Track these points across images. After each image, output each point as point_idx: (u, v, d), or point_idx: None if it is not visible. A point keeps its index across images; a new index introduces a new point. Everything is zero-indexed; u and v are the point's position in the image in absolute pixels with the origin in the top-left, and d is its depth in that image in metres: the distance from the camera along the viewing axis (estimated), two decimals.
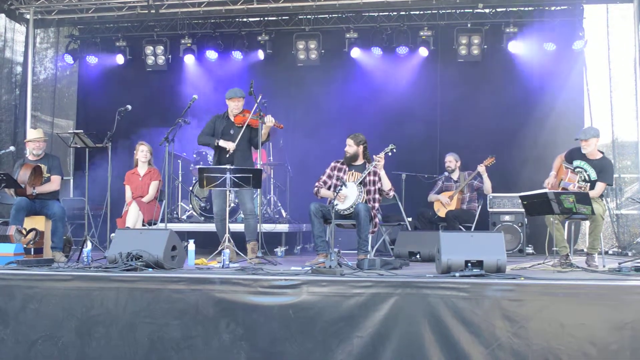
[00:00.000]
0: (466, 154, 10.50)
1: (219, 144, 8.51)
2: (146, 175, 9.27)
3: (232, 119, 8.65)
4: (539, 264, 7.36)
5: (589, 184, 7.75)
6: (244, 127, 8.46)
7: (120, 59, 12.84)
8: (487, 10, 11.95)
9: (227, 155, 8.44)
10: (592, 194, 7.50)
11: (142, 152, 9.31)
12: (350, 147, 8.38)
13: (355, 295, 5.67)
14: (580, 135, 7.84)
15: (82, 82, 13.40)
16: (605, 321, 5.31)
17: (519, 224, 10.03)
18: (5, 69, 12.41)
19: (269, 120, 8.35)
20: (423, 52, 11.87)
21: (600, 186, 7.71)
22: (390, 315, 5.58)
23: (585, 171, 7.81)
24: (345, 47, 12.12)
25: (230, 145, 8.41)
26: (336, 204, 7.87)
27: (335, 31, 12.38)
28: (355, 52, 12.07)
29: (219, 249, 7.95)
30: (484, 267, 6.01)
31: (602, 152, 7.97)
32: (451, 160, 10.34)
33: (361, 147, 8.40)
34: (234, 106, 8.60)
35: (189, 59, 12.59)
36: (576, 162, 7.91)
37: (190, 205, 10.86)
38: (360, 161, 8.43)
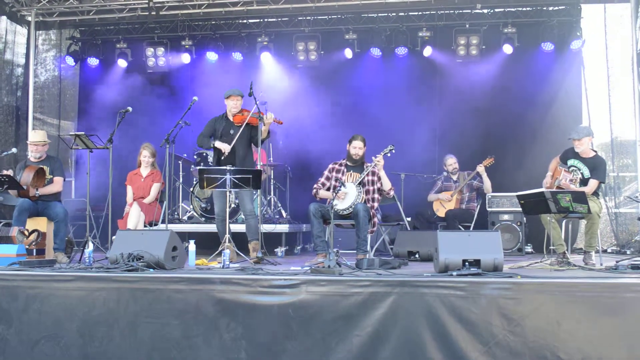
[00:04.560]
0: (465, 154, 10.55)
1: (215, 145, 8.57)
2: (148, 176, 9.30)
3: (231, 118, 8.69)
4: (536, 263, 7.41)
5: (579, 178, 7.81)
6: (244, 126, 8.51)
7: (120, 61, 12.91)
8: (485, 11, 12.01)
9: (226, 156, 8.49)
10: (585, 190, 7.55)
11: (145, 157, 9.32)
12: (361, 149, 8.43)
13: (354, 294, 5.72)
14: (574, 134, 7.89)
15: (83, 84, 13.48)
16: (601, 319, 5.35)
17: (518, 223, 10.08)
18: (6, 71, 12.46)
19: (269, 117, 8.42)
20: (427, 51, 11.90)
21: (593, 183, 7.75)
22: (389, 314, 5.63)
23: (579, 169, 7.86)
24: (345, 48, 12.17)
25: (225, 147, 8.46)
26: (335, 204, 7.91)
27: (335, 32, 12.44)
28: (355, 53, 12.15)
29: (220, 249, 8.00)
30: (481, 266, 6.05)
31: (595, 151, 8.03)
32: (455, 162, 10.38)
33: (365, 148, 8.47)
34: (233, 105, 8.62)
35: (189, 60, 12.72)
36: (570, 162, 7.97)
37: (191, 206, 10.89)
38: (358, 162, 8.49)
